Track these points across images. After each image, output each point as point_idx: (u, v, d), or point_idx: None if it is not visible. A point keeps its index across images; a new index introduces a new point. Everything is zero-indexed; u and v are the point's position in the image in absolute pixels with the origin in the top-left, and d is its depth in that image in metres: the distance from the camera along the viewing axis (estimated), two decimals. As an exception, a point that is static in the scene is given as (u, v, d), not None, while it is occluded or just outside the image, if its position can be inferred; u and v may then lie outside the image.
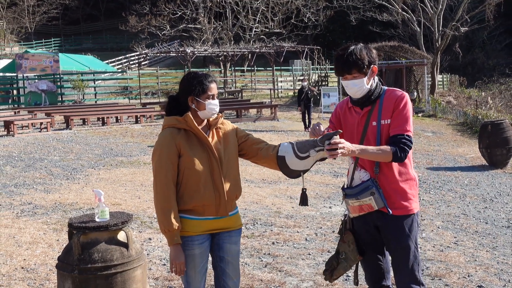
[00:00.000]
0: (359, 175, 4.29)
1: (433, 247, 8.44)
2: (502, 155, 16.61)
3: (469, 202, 11.98)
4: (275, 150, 4.29)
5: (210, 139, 4.20)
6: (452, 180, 14.53)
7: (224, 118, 4.44)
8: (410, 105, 4.24)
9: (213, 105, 4.20)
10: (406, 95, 4.30)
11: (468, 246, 8.58)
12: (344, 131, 4.37)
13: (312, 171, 14.27)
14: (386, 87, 4.35)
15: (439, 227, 9.72)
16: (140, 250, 4.77)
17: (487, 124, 17.26)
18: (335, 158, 4.08)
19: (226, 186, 4.17)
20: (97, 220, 4.64)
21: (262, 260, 7.51)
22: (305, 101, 23.92)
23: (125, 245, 4.62)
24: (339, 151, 3.93)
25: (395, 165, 4.23)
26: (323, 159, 4.27)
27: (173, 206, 4.07)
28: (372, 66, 4.25)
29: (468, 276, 7.07)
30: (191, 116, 4.16)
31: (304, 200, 4.48)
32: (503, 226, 9.97)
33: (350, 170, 4.40)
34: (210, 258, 4.37)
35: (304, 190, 4.43)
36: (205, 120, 4.28)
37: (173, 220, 4.05)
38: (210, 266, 4.42)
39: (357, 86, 4.21)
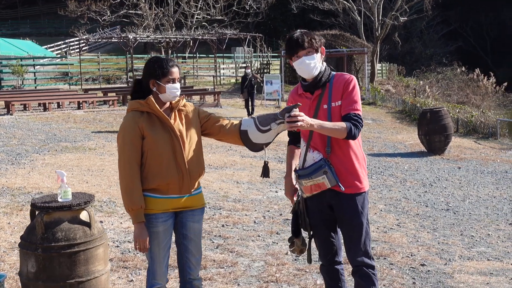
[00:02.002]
0: (312, 156, 4.47)
1: (377, 228, 8.75)
2: (441, 141, 17.12)
3: (410, 187, 12.38)
4: (237, 125, 4.46)
5: (172, 121, 4.34)
6: (393, 166, 14.94)
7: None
8: (358, 88, 4.46)
9: (174, 88, 4.34)
10: (354, 78, 4.52)
11: (410, 228, 8.93)
12: None
13: (257, 156, 14.49)
14: (334, 72, 4.56)
15: (382, 210, 10.06)
16: (102, 229, 4.90)
17: (426, 112, 17.75)
18: (295, 130, 4.27)
19: (189, 165, 4.32)
20: (60, 200, 4.74)
21: (213, 242, 7.69)
22: (248, 88, 24.08)
23: (88, 224, 4.74)
24: (298, 123, 4.12)
25: (346, 145, 4.44)
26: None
27: (136, 186, 4.22)
28: (321, 45, 4.47)
29: (411, 255, 7.39)
30: (153, 99, 4.30)
31: (266, 172, 4.63)
32: (442, 209, 10.38)
33: (302, 152, 4.57)
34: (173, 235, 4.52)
35: (266, 162, 4.59)
36: (168, 103, 4.42)
37: (137, 199, 4.20)
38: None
39: (312, 62, 4.39)
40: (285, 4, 50.44)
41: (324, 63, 4.53)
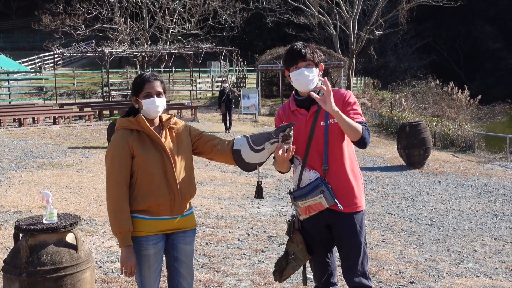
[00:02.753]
0: (308, 175, 4.34)
1: (363, 245, 8.64)
2: (420, 155, 17.14)
3: (392, 201, 12.33)
4: (230, 144, 4.33)
5: (163, 139, 4.20)
6: (373, 180, 14.89)
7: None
8: (357, 101, 4.37)
9: (150, 103, 4.15)
10: (351, 92, 4.42)
11: (396, 244, 8.84)
12: None
13: (236, 171, 14.37)
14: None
15: (366, 226, 9.93)
16: (89, 252, 4.74)
17: (405, 126, 17.77)
18: (287, 152, 4.12)
19: (180, 185, 4.18)
20: (45, 222, 4.58)
21: (198, 261, 7.53)
22: (226, 102, 24.00)
23: (74, 247, 4.58)
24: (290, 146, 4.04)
25: (343, 162, 4.32)
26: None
27: (124, 208, 4.06)
28: (320, 61, 4.37)
29: (400, 272, 7.30)
30: (143, 116, 4.17)
31: (259, 193, 4.51)
32: (426, 224, 10.32)
33: (297, 172, 4.44)
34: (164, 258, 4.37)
35: (260, 182, 4.46)
36: (157, 120, 4.28)
37: (124, 222, 4.03)
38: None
39: (311, 74, 4.27)
40: (260, 18, 50.49)
41: (320, 80, 4.40)
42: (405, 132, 17.35)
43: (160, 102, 4.19)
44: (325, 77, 4.17)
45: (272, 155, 4.30)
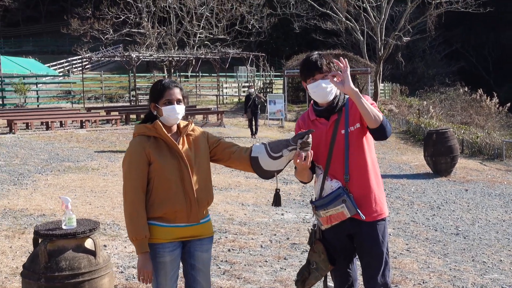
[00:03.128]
0: (330, 185, 4.29)
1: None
2: (447, 163, 16.94)
3: (417, 210, 12.19)
4: (247, 151, 4.28)
5: (180, 146, 4.17)
6: (399, 188, 14.76)
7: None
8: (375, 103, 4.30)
9: (171, 110, 4.14)
10: (368, 97, 4.34)
11: (420, 253, 8.72)
12: None
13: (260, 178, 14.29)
14: (347, 96, 4.37)
15: (390, 234, 9.85)
16: (107, 257, 4.72)
17: (432, 133, 17.58)
18: (305, 159, 4.07)
19: (197, 193, 4.14)
20: (64, 227, 4.57)
21: (219, 267, 7.49)
22: (252, 108, 23.97)
23: (93, 253, 4.56)
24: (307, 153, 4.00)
25: (364, 170, 4.26)
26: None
27: (141, 214, 4.03)
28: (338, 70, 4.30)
29: (423, 283, 7.19)
30: (160, 123, 4.14)
31: (277, 201, 4.48)
32: (452, 233, 10.18)
33: (319, 181, 4.38)
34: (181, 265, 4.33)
35: (278, 190, 4.43)
36: (175, 127, 4.26)
37: (141, 228, 4.01)
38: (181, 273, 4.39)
39: (329, 86, 4.21)
40: (287, 24, 50.48)
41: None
42: (432, 140, 17.17)
43: (180, 109, 4.18)
44: (340, 57, 4.10)
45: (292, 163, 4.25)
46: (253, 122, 24.18)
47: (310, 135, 4.03)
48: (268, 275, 7.27)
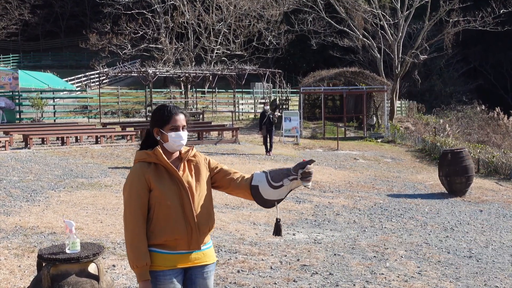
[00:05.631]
0: None
1: (398, 277, 8.47)
2: (462, 183, 16.81)
3: (431, 231, 12.07)
4: (248, 180, 4.26)
5: (181, 172, 4.15)
6: (413, 208, 14.64)
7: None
8: None
9: (177, 136, 4.15)
10: None
11: (432, 277, 8.63)
12: None
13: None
14: None
15: (402, 257, 9.77)
16: (111, 283, 4.70)
17: (447, 153, 17.47)
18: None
19: (198, 219, 4.12)
20: (67, 251, 4.56)
21: (228, 290, 7.45)
22: (267, 125, 23.95)
23: (96, 278, 4.55)
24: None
25: None
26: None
27: (142, 242, 4.02)
28: None
29: (434, 308, 7.11)
30: (160, 149, 4.13)
31: (278, 231, 4.45)
32: (465, 256, 10.07)
33: None
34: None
35: (278, 220, 4.40)
36: (177, 153, 4.24)
37: (142, 256, 4.00)
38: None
39: None
40: (304, 41, 50.50)
41: None
42: (447, 159, 17.06)
43: (185, 136, 4.20)
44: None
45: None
46: (268, 139, 24.14)
47: (311, 165, 4.00)
48: (277, 298, 7.22)
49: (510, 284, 8.47)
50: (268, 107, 25.35)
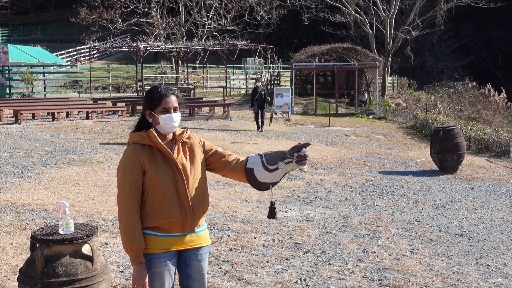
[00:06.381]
0: None
1: (390, 255, 8.50)
2: (453, 160, 16.86)
3: (422, 209, 12.12)
4: (243, 162, 4.22)
5: (175, 154, 4.11)
6: (405, 185, 14.68)
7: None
8: None
9: (167, 119, 4.09)
10: None
11: (423, 255, 8.66)
12: None
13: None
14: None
15: (394, 235, 9.80)
16: (105, 263, 4.68)
17: (439, 130, 17.49)
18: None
19: (193, 201, 4.09)
20: (61, 232, 4.53)
21: (221, 268, 7.45)
22: (259, 101, 23.87)
23: (90, 259, 4.53)
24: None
25: None
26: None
27: (136, 225, 3.98)
28: None
29: (426, 286, 7.14)
30: (154, 132, 4.08)
31: (272, 213, 4.41)
32: (456, 234, 10.11)
33: None
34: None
35: (273, 203, 4.36)
36: (171, 135, 4.19)
37: (136, 239, 3.96)
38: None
39: None
40: (296, 16, 50.30)
41: None
42: (439, 137, 17.08)
43: (177, 118, 4.12)
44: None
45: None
46: (260, 116, 24.09)
47: (307, 148, 3.97)
48: (269, 277, 7.23)
49: (502, 263, 8.52)
50: (260, 83, 25.27)
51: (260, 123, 24.05)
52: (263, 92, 24.28)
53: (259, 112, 24.02)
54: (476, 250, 9.15)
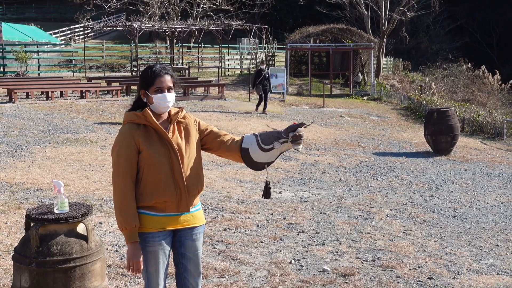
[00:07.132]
0: None
1: (383, 236, 8.54)
2: (447, 142, 16.90)
3: (416, 190, 12.16)
4: (238, 142, 4.22)
5: (170, 134, 4.10)
6: (398, 167, 14.72)
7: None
8: None
9: (161, 98, 4.08)
10: None
11: (416, 236, 8.71)
12: None
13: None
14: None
15: (388, 216, 9.84)
16: (100, 242, 4.69)
17: (433, 112, 17.52)
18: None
19: (188, 181, 4.09)
20: (56, 211, 4.53)
21: (215, 248, 7.48)
22: (263, 84, 23.71)
23: (85, 238, 4.53)
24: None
25: None
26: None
27: (130, 204, 3.99)
28: None
29: (418, 267, 7.18)
30: (149, 111, 4.07)
31: (267, 193, 4.41)
32: (449, 216, 10.16)
33: None
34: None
35: (268, 183, 4.37)
36: (166, 115, 4.19)
37: (131, 218, 3.96)
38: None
39: None
40: (291, -4, 50.12)
41: None
42: (433, 118, 17.11)
43: (171, 98, 4.11)
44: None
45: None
46: (263, 98, 23.84)
47: (302, 128, 3.97)
48: (263, 257, 7.26)
49: (494, 244, 8.57)
50: (264, 65, 25.17)
51: (263, 106, 23.83)
52: (267, 75, 24.19)
53: (263, 94, 23.81)
54: (469, 232, 9.20)
